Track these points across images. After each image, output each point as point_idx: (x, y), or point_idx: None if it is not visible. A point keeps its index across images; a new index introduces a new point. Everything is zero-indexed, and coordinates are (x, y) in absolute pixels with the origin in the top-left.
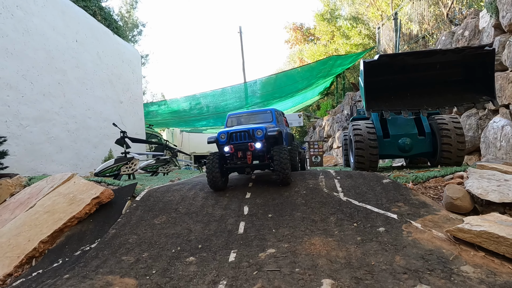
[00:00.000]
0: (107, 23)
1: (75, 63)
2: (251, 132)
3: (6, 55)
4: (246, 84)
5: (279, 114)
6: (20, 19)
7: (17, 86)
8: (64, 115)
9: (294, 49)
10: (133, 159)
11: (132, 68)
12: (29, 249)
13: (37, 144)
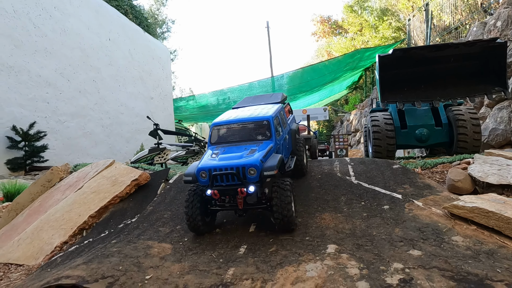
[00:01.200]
0: (138, 21)
1: (108, 61)
2: (240, 171)
3: (45, 55)
4: (273, 78)
5: (278, 112)
6: (58, 19)
7: (56, 83)
8: (99, 111)
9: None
10: (165, 149)
11: (162, 65)
12: (80, 222)
13: (74, 139)
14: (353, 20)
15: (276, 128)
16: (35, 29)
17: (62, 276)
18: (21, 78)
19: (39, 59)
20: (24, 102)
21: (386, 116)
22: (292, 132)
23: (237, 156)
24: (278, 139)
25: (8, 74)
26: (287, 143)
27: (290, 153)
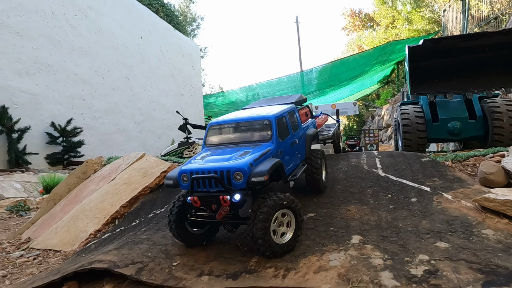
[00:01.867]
0: (168, 19)
1: (140, 59)
2: (225, 175)
3: (81, 53)
4: (302, 73)
5: (286, 113)
6: (92, 19)
7: (91, 81)
8: (131, 107)
9: (352, 36)
10: (194, 143)
11: (192, 62)
12: (112, 211)
13: (108, 135)
14: (385, 12)
15: (280, 130)
16: (71, 29)
17: (95, 261)
18: (59, 76)
19: (75, 58)
20: (61, 100)
21: (416, 109)
22: (306, 138)
23: (224, 159)
24: (281, 142)
25: (47, 73)
26: (296, 149)
27: (301, 161)
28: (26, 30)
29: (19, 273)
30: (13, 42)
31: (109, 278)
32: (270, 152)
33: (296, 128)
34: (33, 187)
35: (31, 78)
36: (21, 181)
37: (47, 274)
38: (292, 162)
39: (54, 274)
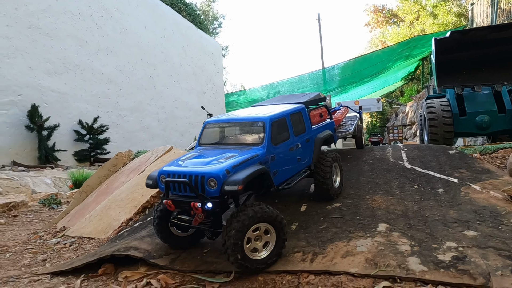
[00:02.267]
0: (191, 18)
1: (164, 58)
2: (199, 181)
3: (107, 53)
4: (324, 70)
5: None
6: (117, 19)
7: (116, 80)
8: (155, 105)
9: (375, 33)
10: None
11: (214, 60)
12: (143, 201)
13: (133, 132)
14: (409, 7)
15: (276, 134)
16: (97, 29)
17: (130, 247)
18: (86, 75)
19: (101, 57)
20: (88, 98)
21: (443, 102)
22: (316, 142)
23: (204, 162)
24: (275, 147)
25: (75, 72)
26: (298, 154)
27: (306, 166)
28: (55, 31)
29: (58, 257)
30: (43, 43)
31: (144, 262)
32: (257, 158)
33: (300, 130)
34: (63, 182)
35: (60, 77)
36: (51, 176)
37: (84, 256)
38: (290, 169)
39: (91, 256)
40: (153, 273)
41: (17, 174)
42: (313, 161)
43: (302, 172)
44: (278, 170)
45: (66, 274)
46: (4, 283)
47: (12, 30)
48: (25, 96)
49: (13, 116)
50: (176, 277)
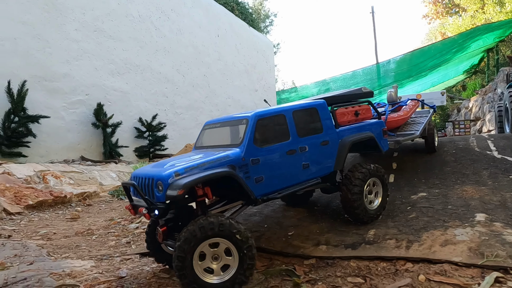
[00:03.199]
0: (243, 17)
1: (217, 56)
2: (150, 184)
3: (164, 53)
4: (379, 65)
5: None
6: (174, 20)
7: (173, 79)
8: (209, 103)
9: (434, 25)
10: None
11: (266, 58)
12: None
13: (188, 129)
14: None
15: (262, 133)
16: (156, 31)
17: None
18: (145, 75)
19: (159, 57)
20: (148, 97)
21: None
22: (341, 145)
23: (170, 164)
24: (260, 149)
25: (135, 72)
26: (304, 159)
27: (318, 175)
28: (117, 33)
29: (140, 240)
30: (107, 45)
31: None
32: (227, 161)
33: (312, 130)
34: (126, 176)
35: (122, 77)
36: (115, 170)
37: None
38: (288, 176)
39: None
40: None
41: (86, 168)
42: (336, 168)
43: (314, 181)
44: (264, 176)
45: (144, 255)
46: (99, 260)
47: (80, 34)
48: (92, 95)
49: (81, 114)
50: (263, 260)
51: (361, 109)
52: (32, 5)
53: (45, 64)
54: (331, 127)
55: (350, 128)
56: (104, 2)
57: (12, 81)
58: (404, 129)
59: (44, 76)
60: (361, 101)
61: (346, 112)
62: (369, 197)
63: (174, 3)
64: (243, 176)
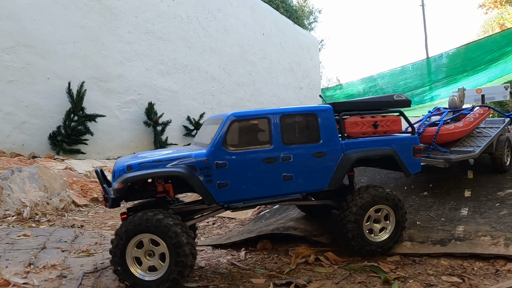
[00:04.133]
0: (288, 14)
1: (262, 55)
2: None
3: (211, 53)
4: (429, 60)
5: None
6: (220, 20)
7: (219, 78)
8: (254, 101)
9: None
10: None
11: (311, 55)
12: None
13: None
14: None
15: (236, 136)
16: (203, 31)
17: (289, 227)
18: (193, 75)
19: (206, 57)
20: (195, 96)
21: None
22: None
23: (141, 157)
24: (230, 152)
25: (184, 72)
26: (286, 170)
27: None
28: (167, 34)
29: (207, 233)
30: (157, 46)
31: (302, 240)
32: (189, 161)
33: (305, 139)
34: None
35: (171, 77)
36: None
37: (238, 233)
38: (262, 187)
39: (248, 233)
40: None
41: None
42: (331, 186)
43: (297, 196)
44: (229, 182)
45: (225, 247)
46: None
47: (132, 36)
48: (143, 95)
49: (134, 113)
50: (343, 255)
51: (385, 120)
52: (90, 10)
53: (101, 66)
54: (334, 137)
55: (363, 141)
56: (155, 4)
57: (71, 82)
58: (463, 143)
59: (100, 77)
60: (391, 110)
61: (361, 122)
62: (376, 227)
63: (220, 3)
64: (203, 179)
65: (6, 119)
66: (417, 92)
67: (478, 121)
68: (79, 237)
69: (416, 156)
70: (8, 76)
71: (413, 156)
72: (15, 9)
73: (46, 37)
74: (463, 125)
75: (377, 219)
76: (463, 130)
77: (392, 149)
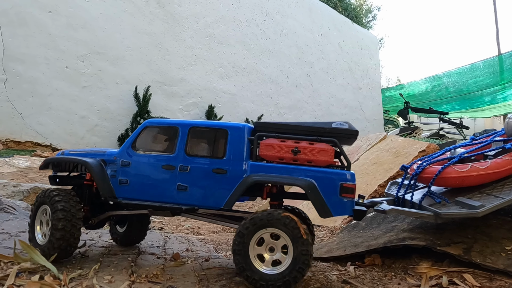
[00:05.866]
0: (346, 13)
1: (320, 55)
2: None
3: (269, 55)
4: (501, 56)
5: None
6: (278, 22)
7: (277, 80)
8: (312, 103)
9: None
10: (417, 128)
11: (370, 54)
12: (370, 190)
13: None
14: None
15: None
16: (261, 33)
17: (404, 237)
18: (251, 77)
19: (264, 59)
20: (253, 98)
21: None
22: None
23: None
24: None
25: (242, 75)
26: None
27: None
28: (226, 38)
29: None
30: (217, 50)
31: (418, 255)
32: (102, 155)
33: (211, 154)
34: None
35: (230, 80)
36: None
37: (337, 245)
38: (155, 192)
39: (353, 246)
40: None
41: None
42: (225, 206)
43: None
44: (129, 180)
45: (326, 260)
46: None
47: (193, 40)
48: (203, 98)
49: (195, 115)
50: (482, 279)
51: (310, 147)
52: (155, 17)
53: (165, 70)
54: (240, 156)
55: (275, 166)
56: (215, 9)
57: (138, 86)
58: (488, 191)
59: (163, 81)
60: (322, 139)
61: (278, 146)
62: (268, 257)
63: (278, 5)
64: (109, 173)
65: (80, 122)
66: (489, 91)
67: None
68: (168, 241)
69: (344, 196)
70: (83, 82)
71: (340, 195)
72: (89, 19)
73: (116, 44)
74: (489, 167)
75: (273, 248)
76: (483, 174)
77: (310, 181)
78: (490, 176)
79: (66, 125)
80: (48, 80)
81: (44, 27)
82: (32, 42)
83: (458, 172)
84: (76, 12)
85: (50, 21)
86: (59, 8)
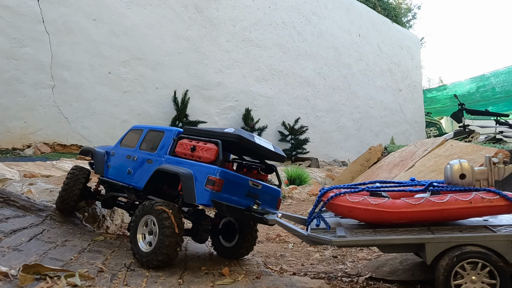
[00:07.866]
0: (385, 13)
1: (358, 57)
2: None
3: (306, 57)
4: None
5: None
6: (315, 24)
7: (314, 82)
8: (350, 105)
9: None
10: (474, 132)
11: (411, 54)
12: None
13: (329, 133)
14: None
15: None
16: (297, 36)
17: None
18: (288, 80)
19: (301, 62)
20: (290, 101)
21: None
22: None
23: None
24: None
25: (279, 78)
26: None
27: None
28: (263, 41)
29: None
30: (253, 53)
31: None
32: (107, 148)
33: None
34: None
35: (267, 83)
36: None
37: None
38: (120, 174)
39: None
40: None
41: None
42: (142, 187)
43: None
44: (111, 165)
45: (390, 282)
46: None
47: (230, 44)
48: (240, 101)
49: (232, 119)
50: None
51: (202, 146)
52: (193, 22)
53: (202, 74)
54: (163, 151)
55: (175, 159)
56: (252, 12)
57: (177, 91)
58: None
59: (201, 85)
60: (211, 141)
61: (185, 144)
62: (147, 237)
63: (315, 6)
64: (106, 160)
65: (122, 126)
66: None
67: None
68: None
69: (207, 187)
70: (124, 87)
71: (204, 186)
72: (130, 25)
73: (156, 50)
74: (382, 204)
75: (151, 231)
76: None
77: (188, 172)
78: (380, 214)
79: (109, 129)
80: (92, 85)
81: (89, 35)
82: (77, 49)
83: (348, 202)
84: (118, 20)
85: (94, 28)
86: (102, 16)
